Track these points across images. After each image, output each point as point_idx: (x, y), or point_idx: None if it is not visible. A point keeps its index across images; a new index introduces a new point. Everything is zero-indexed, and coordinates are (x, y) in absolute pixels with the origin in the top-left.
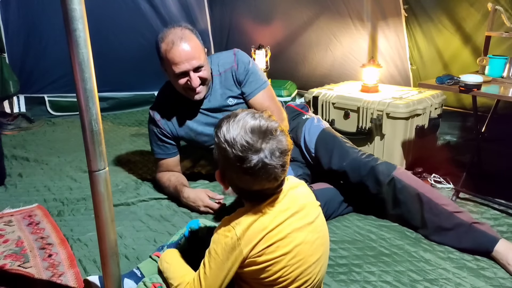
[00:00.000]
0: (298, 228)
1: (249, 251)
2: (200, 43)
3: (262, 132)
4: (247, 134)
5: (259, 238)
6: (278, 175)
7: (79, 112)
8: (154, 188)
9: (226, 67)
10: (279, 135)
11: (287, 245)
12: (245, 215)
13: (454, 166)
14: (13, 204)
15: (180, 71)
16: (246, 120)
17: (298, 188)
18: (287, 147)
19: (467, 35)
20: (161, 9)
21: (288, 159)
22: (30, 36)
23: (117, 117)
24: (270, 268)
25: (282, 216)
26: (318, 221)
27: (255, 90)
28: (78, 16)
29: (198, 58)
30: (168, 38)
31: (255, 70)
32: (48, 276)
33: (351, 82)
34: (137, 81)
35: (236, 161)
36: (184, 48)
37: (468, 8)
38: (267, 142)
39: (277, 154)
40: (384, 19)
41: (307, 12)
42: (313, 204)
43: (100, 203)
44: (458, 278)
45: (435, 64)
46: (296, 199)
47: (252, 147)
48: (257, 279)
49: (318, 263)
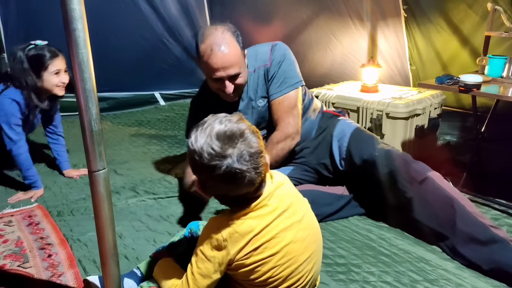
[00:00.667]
0: (287, 227)
1: (236, 253)
2: (240, 47)
3: (228, 137)
4: (213, 142)
5: (246, 240)
6: (253, 178)
7: (78, 112)
8: (153, 189)
9: (261, 64)
10: (248, 137)
11: (275, 245)
12: (232, 217)
13: (454, 166)
14: (13, 204)
15: (215, 77)
16: (213, 127)
17: (284, 186)
18: (257, 149)
19: (466, 37)
20: (161, 10)
21: (264, 161)
22: (29, 36)
23: (117, 117)
24: (259, 269)
25: (269, 217)
26: (306, 218)
27: (276, 93)
28: (77, 16)
29: (235, 67)
30: (208, 41)
31: (285, 70)
32: (48, 276)
33: (350, 82)
34: (136, 81)
35: (206, 170)
36: (222, 57)
37: (466, 9)
38: (233, 147)
39: (246, 158)
40: (383, 19)
41: (307, 11)
42: (300, 201)
43: (99, 203)
44: (458, 279)
45: (434, 64)
46: (282, 198)
47: (219, 154)
48: (248, 280)
49: (310, 261)
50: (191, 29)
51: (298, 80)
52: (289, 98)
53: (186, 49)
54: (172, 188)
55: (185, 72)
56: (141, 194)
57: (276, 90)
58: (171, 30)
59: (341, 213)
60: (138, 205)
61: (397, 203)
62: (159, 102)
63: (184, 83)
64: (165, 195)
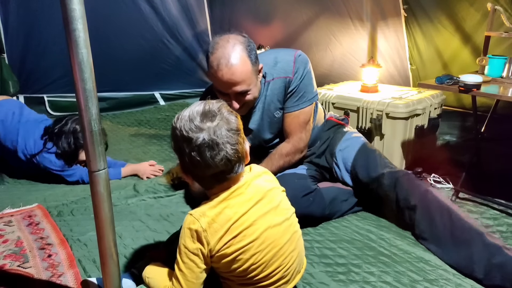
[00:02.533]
0: (263, 213)
1: (216, 242)
2: (251, 63)
3: (206, 112)
4: (193, 117)
5: (225, 230)
6: (229, 154)
7: (78, 112)
8: (153, 188)
9: (282, 74)
10: (226, 115)
11: (253, 232)
12: (209, 207)
13: (454, 166)
14: (13, 204)
15: (220, 91)
16: (195, 106)
17: (262, 177)
18: (235, 125)
19: (467, 35)
20: (161, 10)
21: (240, 140)
22: (29, 36)
23: (117, 117)
24: (241, 257)
25: (246, 205)
26: (282, 205)
27: (293, 107)
28: (77, 16)
29: (243, 84)
30: (216, 53)
31: (306, 85)
32: (48, 276)
33: (350, 82)
34: (136, 81)
35: (184, 144)
36: (228, 73)
37: (467, 8)
38: (212, 121)
39: (223, 132)
40: (383, 19)
41: (307, 12)
42: (277, 189)
43: (99, 203)
44: (458, 279)
45: (435, 64)
46: (259, 188)
47: (196, 127)
48: (231, 271)
49: (290, 243)
50: (191, 29)
51: (315, 95)
52: (305, 113)
53: (186, 49)
54: (172, 187)
55: (185, 72)
56: (141, 194)
57: (293, 104)
58: (171, 30)
59: (355, 209)
60: (138, 204)
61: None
62: (159, 102)
63: (184, 83)
64: (165, 194)
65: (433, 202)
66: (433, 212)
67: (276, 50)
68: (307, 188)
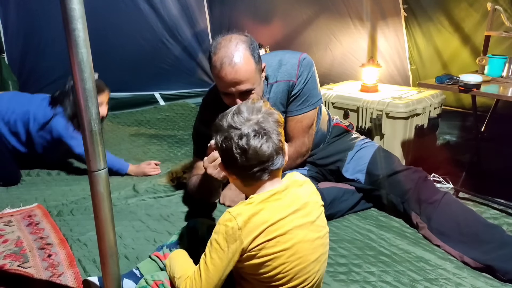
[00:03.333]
0: (299, 225)
1: (249, 242)
2: (254, 62)
3: (251, 107)
4: (241, 112)
5: (260, 230)
6: (275, 144)
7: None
8: (153, 188)
9: (285, 78)
10: (268, 108)
11: (287, 241)
12: (247, 207)
13: (454, 165)
14: (13, 204)
15: (224, 92)
16: (237, 106)
17: (303, 187)
18: (278, 118)
19: (466, 35)
20: (161, 10)
21: (282, 134)
22: (29, 36)
23: (116, 117)
24: (270, 263)
25: (283, 212)
26: (319, 221)
27: (296, 111)
28: (77, 15)
29: (247, 83)
30: (219, 53)
31: (310, 89)
32: (48, 276)
33: (350, 81)
34: (136, 81)
35: (232, 133)
36: (233, 72)
37: (467, 8)
38: (257, 114)
39: (270, 122)
40: (383, 19)
41: (307, 11)
42: (316, 203)
43: (99, 203)
44: (458, 278)
45: (435, 64)
46: (299, 197)
47: (245, 119)
48: (256, 274)
49: (317, 262)
50: (191, 29)
51: (318, 99)
52: (308, 118)
53: (185, 49)
54: (172, 187)
55: (185, 72)
56: (141, 194)
57: (296, 108)
58: (171, 30)
59: (356, 208)
60: (138, 204)
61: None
62: (159, 102)
63: (184, 83)
64: (165, 194)
65: (455, 201)
66: (456, 208)
67: (281, 52)
68: None
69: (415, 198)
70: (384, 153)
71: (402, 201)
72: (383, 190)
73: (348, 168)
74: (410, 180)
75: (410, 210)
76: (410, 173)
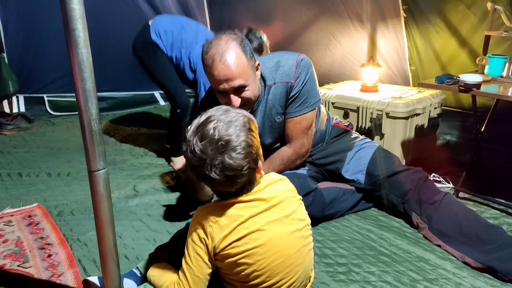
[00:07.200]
0: (273, 220)
1: (220, 241)
2: (246, 58)
3: (212, 142)
4: (197, 142)
5: (231, 229)
6: (226, 185)
7: (78, 112)
8: (153, 188)
9: (284, 79)
10: (231, 151)
11: (260, 237)
12: (219, 205)
13: (454, 165)
14: (13, 204)
15: (219, 90)
16: (207, 124)
17: (278, 184)
18: (237, 165)
19: (464, 38)
20: (161, 9)
21: (241, 178)
22: (29, 36)
23: (117, 117)
24: (244, 260)
25: (255, 209)
26: (295, 215)
27: (294, 112)
28: (77, 15)
29: (240, 78)
30: (211, 51)
31: (308, 90)
32: (48, 276)
33: (350, 81)
34: (136, 81)
35: (190, 165)
36: (224, 68)
37: (465, 10)
38: (214, 154)
39: (218, 171)
40: (383, 20)
41: (307, 12)
42: (293, 198)
43: (99, 203)
44: (458, 278)
45: (434, 65)
46: (274, 194)
47: (201, 158)
48: (234, 274)
49: (298, 255)
50: None
51: (317, 100)
52: (306, 119)
53: None
54: (172, 187)
55: None
56: (141, 194)
57: (295, 110)
58: None
59: (356, 208)
60: (138, 204)
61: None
62: (159, 102)
63: None
64: (165, 194)
65: (456, 202)
66: (456, 208)
67: (279, 54)
68: (307, 188)
69: (416, 199)
70: (384, 153)
71: (402, 201)
72: (383, 191)
73: (348, 169)
74: (410, 180)
75: (410, 211)
76: (410, 174)
